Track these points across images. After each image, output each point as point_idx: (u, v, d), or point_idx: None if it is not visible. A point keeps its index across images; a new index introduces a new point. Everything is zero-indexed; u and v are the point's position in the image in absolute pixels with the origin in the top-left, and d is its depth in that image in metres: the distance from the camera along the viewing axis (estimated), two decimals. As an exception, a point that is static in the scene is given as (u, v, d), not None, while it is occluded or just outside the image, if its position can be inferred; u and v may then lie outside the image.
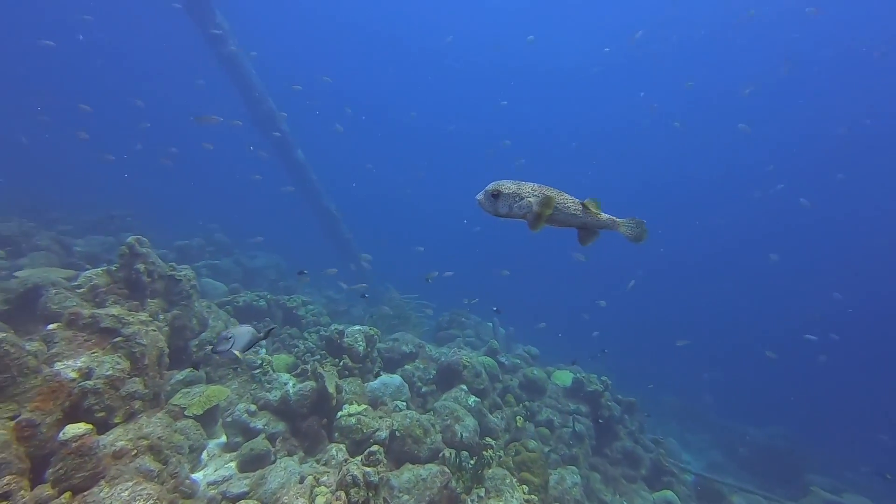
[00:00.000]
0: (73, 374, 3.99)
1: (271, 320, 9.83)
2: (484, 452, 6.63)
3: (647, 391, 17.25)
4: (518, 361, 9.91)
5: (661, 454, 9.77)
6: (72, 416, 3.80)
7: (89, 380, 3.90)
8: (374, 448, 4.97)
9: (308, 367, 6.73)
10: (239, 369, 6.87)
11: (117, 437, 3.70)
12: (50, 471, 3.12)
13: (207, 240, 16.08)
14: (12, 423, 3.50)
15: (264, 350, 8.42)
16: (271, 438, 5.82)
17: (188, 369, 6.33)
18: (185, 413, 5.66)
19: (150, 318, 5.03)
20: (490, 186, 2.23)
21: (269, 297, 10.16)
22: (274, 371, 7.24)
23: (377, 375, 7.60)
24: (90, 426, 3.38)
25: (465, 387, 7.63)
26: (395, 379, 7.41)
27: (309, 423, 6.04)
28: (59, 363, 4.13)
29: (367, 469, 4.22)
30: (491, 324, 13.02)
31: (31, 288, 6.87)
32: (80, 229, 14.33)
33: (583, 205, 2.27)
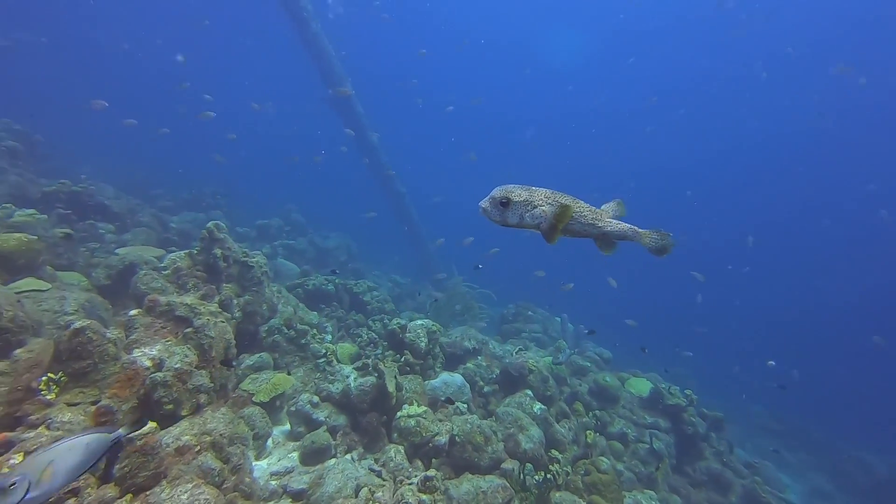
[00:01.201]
0: (148, 363, 4.10)
1: (339, 305, 9.97)
2: (550, 467, 6.11)
3: (730, 400, 15.46)
4: (588, 364, 9.13)
5: (756, 482, 8.54)
6: (144, 406, 3.90)
7: (160, 371, 3.96)
8: (432, 473, 4.69)
9: (369, 361, 6.60)
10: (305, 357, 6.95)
11: (183, 432, 3.73)
12: (116, 467, 3.17)
13: (285, 220, 16.86)
14: (93, 409, 3.63)
15: (330, 336, 8.53)
16: (332, 431, 5.79)
17: (257, 355, 6.49)
18: (253, 399, 5.79)
19: (220, 310, 5.11)
20: (497, 193, 2.01)
21: (337, 281, 10.30)
22: (338, 361, 7.27)
23: (438, 371, 7.34)
24: (154, 424, 3.40)
25: (530, 392, 7.10)
26: (457, 378, 7.08)
27: (369, 420, 5.92)
28: (137, 350, 4.27)
29: (423, 497, 3.92)
30: (559, 319, 12.23)
31: (128, 265, 7.47)
32: (177, 206, 15.65)
33: (601, 213, 2.07)
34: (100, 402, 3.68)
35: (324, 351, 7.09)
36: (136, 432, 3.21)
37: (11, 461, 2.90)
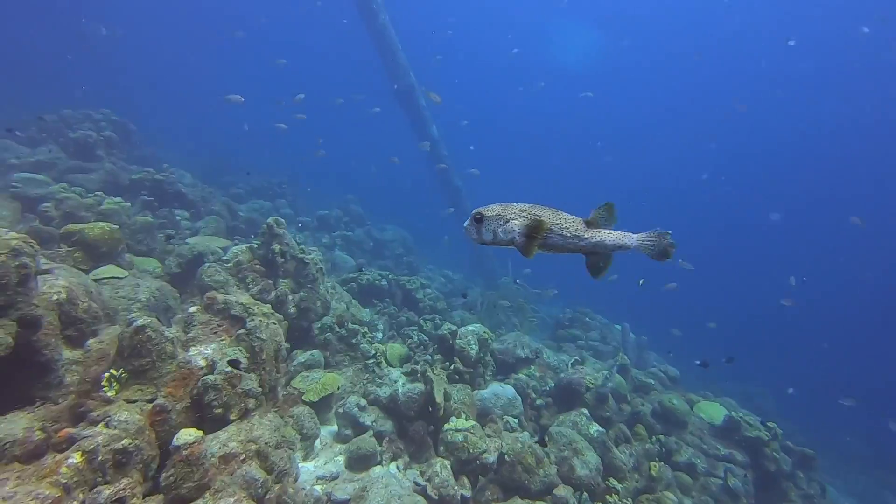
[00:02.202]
0: (202, 363, 4.14)
1: (391, 301, 9.92)
2: (608, 498, 5.58)
3: (816, 430, 13.62)
4: (652, 382, 8.31)
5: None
6: (196, 407, 3.93)
7: (211, 374, 3.97)
8: None
9: (418, 367, 6.40)
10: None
11: (230, 438, 3.71)
12: (163, 475, 3.18)
13: (344, 210, 17.23)
14: (150, 408, 3.70)
15: (381, 335, 8.47)
16: (378, 437, 5.68)
17: (309, 352, 6.53)
18: (303, 398, 5.81)
19: (272, 311, 5.11)
20: (476, 210, 1.95)
21: (390, 276, 10.26)
22: (387, 363, 7.16)
23: (488, 380, 6.99)
24: (200, 433, 3.39)
25: (586, 411, 6.55)
26: (508, 390, 6.69)
27: (415, 428, 5.73)
28: (194, 348, 4.34)
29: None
30: (619, 327, 11.35)
31: (197, 255, 7.82)
32: (247, 193, 16.46)
33: (587, 224, 1.89)
34: (156, 401, 3.75)
35: (373, 352, 7.00)
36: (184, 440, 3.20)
37: (70, 460, 2.97)
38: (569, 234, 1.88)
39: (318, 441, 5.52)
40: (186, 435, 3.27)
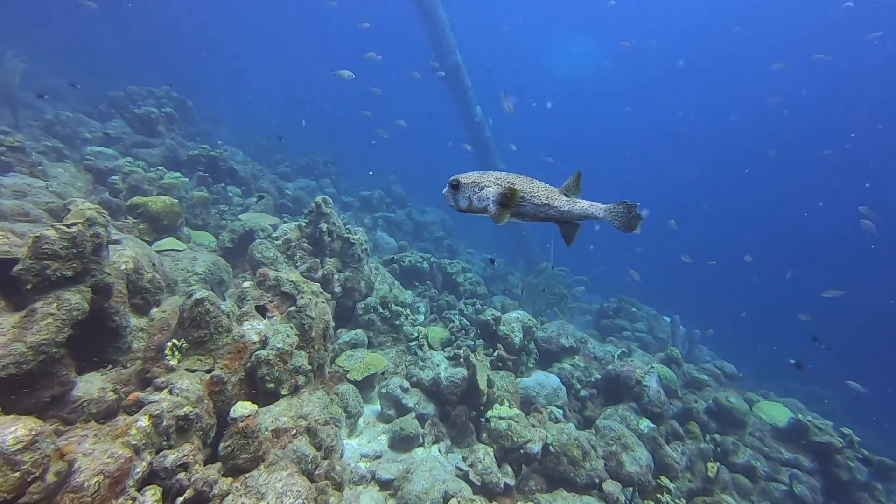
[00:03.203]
0: (255, 338, 4.23)
1: (432, 284, 9.88)
2: (659, 496, 5.34)
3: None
4: (706, 378, 7.82)
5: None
6: (249, 380, 4.03)
7: (264, 349, 4.05)
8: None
9: (461, 352, 6.31)
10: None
11: (281, 412, 3.78)
12: (221, 444, 3.27)
13: (386, 191, 17.30)
14: (208, 378, 3.82)
15: (422, 317, 8.46)
16: (421, 419, 5.68)
17: (353, 331, 6.60)
18: (347, 377, 5.89)
19: (321, 290, 5.15)
20: (453, 177, 2.03)
21: (432, 259, 10.20)
22: (429, 346, 7.14)
23: (531, 368, 6.82)
24: (255, 406, 3.45)
25: (634, 405, 6.25)
26: (552, 380, 6.50)
27: (458, 413, 5.68)
28: (247, 323, 4.44)
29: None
30: (668, 319, 10.77)
31: (248, 231, 8.05)
32: (294, 172, 16.82)
33: (559, 193, 1.94)
34: (213, 372, 3.86)
35: (416, 334, 6.99)
36: (239, 413, 3.27)
37: (139, 423, 3.10)
38: (539, 203, 1.90)
39: (361, 419, 5.59)
40: (242, 408, 3.33)
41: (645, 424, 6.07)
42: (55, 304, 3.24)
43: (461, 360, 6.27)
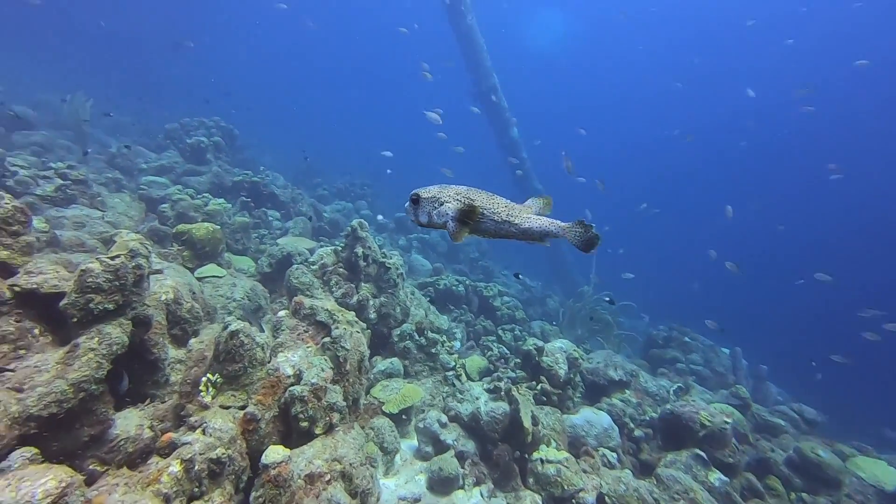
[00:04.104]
0: (290, 371, 4.09)
1: (468, 308, 9.59)
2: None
3: None
4: (781, 423, 6.97)
5: None
6: (284, 417, 3.87)
7: (298, 384, 3.89)
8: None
9: (501, 385, 5.94)
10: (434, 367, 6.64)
11: (315, 455, 3.58)
12: (252, 494, 3.09)
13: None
14: (241, 415, 3.69)
15: (459, 344, 8.16)
16: (460, 457, 5.32)
17: (388, 360, 6.38)
18: (382, 409, 5.65)
19: (356, 319, 4.98)
20: (413, 191, 1.98)
21: (467, 282, 9.93)
22: (467, 375, 6.81)
23: (577, 403, 6.33)
24: (287, 452, 3.27)
25: (701, 453, 5.60)
26: (603, 418, 5.97)
27: (500, 452, 5.29)
28: (282, 355, 4.32)
29: None
30: (727, 351, 9.87)
31: (286, 256, 8.11)
32: (331, 195, 17.19)
33: (520, 210, 1.92)
34: (247, 409, 3.72)
35: (453, 363, 6.68)
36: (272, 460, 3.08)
37: (171, 469, 2.97)
38: (499, 220, 1.87)
39: (398, 456, 5.31)
40: (274, 453, 3.15)
41: (716, 477, 5.41)
42: (96, 339, 3.22)
43: (502, 393, 5.90)
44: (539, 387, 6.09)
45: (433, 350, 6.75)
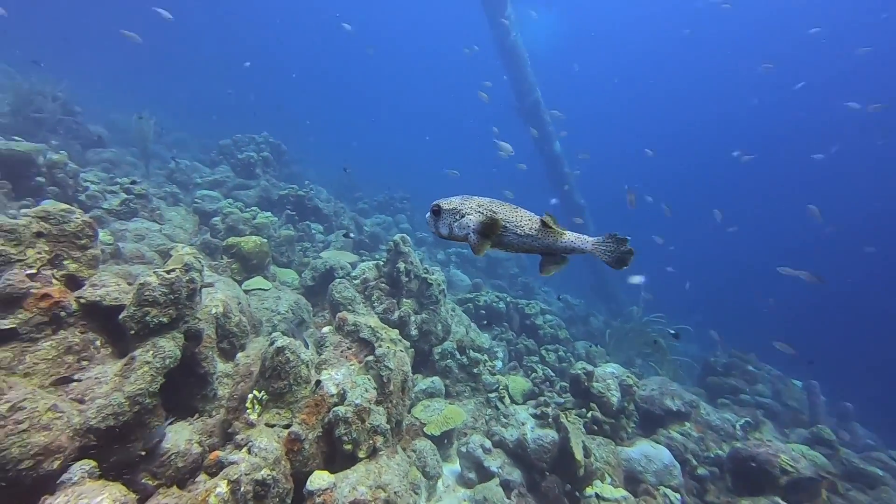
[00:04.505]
0: (334, 390, 3.99)
1: (509, 325, 9.28)
2: None
3: None
4: (878, 472, 6.12)
5: None
6: (328, 438, 3.76)
7: (342, 405, 3.78)
8: None
9: (549, 410, 5.61)
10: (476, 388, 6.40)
11: (359, 480, 3.43)
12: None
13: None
14: (286, 434, 3.62)
15: (500, 363, 7.87)
16: (505, 486, 5.03)
17: (430, 379, 6.20)
18: (424, 430, 5.46)
19: (399, 338, 4.85)
20: (434, 202, 1.93)
21: (508, 299, 9.65)
22: (510, 397, 6.52)
23: (631, 434, 5.86)
24: (333, 479, 3.14)
25: (782, 502, 5.00)
26: (662, 453, 5.49)
27: (549, 484, 4.95)
28: (326, 372, 4.25)
29: None
30: (800, 384, 8.94)
31: (328, 269, 8.18)
32: (371, 208, 17.43)
33: (542, 223, 1.81)
34: (291, 428, 3.65)
35: (496, 384, 6.41)
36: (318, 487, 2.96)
37: (219, 490, 2.91)
38: (522, 234, 1.83)
39: (440, 482, 5.08)
40: (320, 479, 3.03)
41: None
42: (151, 352, 3.25)
43: (550, 419, 5.56)
44: (589, 414, 5.70)
45: (475, 370, 6.52)
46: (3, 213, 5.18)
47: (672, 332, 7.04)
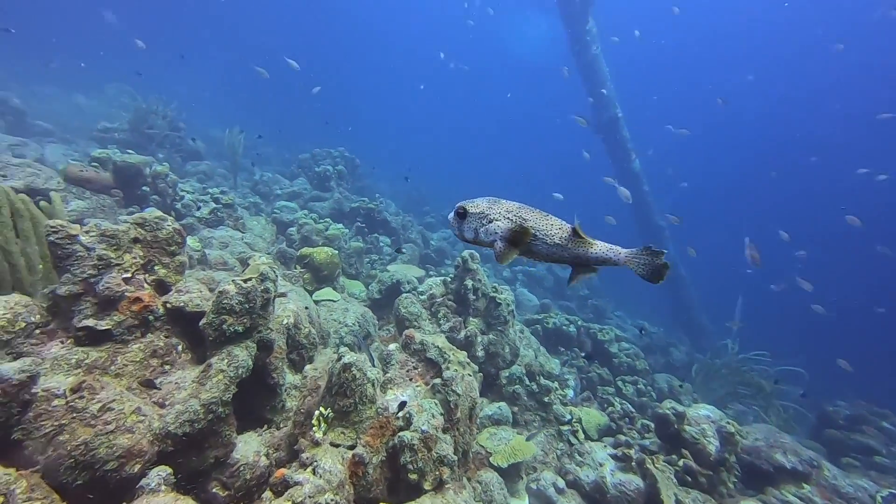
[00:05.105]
0: (399, 412, 3.77)
1: (579, 350, 8.60)
2: None
3: None
4: None
5: None
6: (391, 464, 3.54)
7: (408, 430, 3.54)
8: None
9: (632, 453, 4.96)
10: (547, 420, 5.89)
11: (425, 517, 3.15)
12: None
13: (527, 243, 16.57)
14: (350, 455, 3.46)
15: (571, 392, 7.25)
16: (578, 537, 4.47)
17: (497, 404, 5.81)
18: (490, 460, 5.08)
19: (468, 361, 4.56)
20: (459, 204, 1.85)
21: (579, 322, 8.98)
22: (584, 431, 5.92)
23: (733, 491, 4.99)
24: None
25: None
26: (773, 520, 4.59)
27: (630, 542, 4.31)
28: (391, 392, 4.07)
29: None
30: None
31: (395, 283, 8.15)
32: (438, 223, 17.50)
33: (574, 231, 1.72)
34: (356, 450, 3.48)
35: (569, 417, 5.86)
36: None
37: (281, 511, 2.79)
38: (552, 243, 1.74)
39: (506, 521, 4.65)
40: (384, 514, 2.79)
41: None
42: (226, 361, 3.26)
43: (633, 463, 4.92)
44: (681, 462, 4.95)
45: (546, 399, 6.02)
46: (113, 220, 5.75)
47: (801, 393, 5.94)
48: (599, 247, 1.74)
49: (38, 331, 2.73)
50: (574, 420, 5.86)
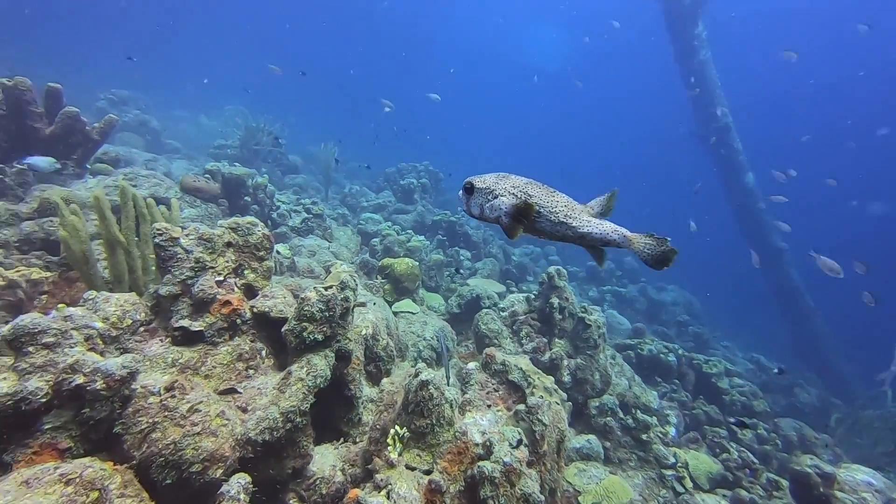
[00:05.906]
0: (479, 439, 3.45)
1: (680, 383, 7.51)
2: None
3: None
4: None
5: None
6: (469, 495, 3.21)
7: (488, 459, 3.19)
8: None
9: (761, 520, 4.05)
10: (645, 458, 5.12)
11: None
12: None
13: (617, 263, 15.46)
14: (425, 481, 3.20)
15: (673, 430, 6.30)
16: None
17: (585, 437, 5.19)
18: (579, 500, 4.50)
19: (555, 387, 4.09)
20: (468, 179, 1.82)
21: (679, 351, 7.88)
22: (691, 479, 5.04)
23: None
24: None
25: None
26: None
27: None
28: (469, 415, 3.75)
29: None
30: None
31: (475, 297, 7.87)
32: (521, 239, 16.96)
33: (582, 210, 1.70)
34: (432, 476, 3.21)
35: (673, 459, 5.03)
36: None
37: (350, 536, 2.61)
38: (556, 220, 1.69)
39: (596, 578, 4.04)
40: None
41: None
42: (305, 369, 3.22)
43: (760, 534, 4.00)
44: (829, 541, 3.92)
45: (644, 436, 5.25)
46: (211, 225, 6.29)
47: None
48: (605, 227, 1.70)
49: (142, 328, 2.90)
50: (679, 464, 5.01)
